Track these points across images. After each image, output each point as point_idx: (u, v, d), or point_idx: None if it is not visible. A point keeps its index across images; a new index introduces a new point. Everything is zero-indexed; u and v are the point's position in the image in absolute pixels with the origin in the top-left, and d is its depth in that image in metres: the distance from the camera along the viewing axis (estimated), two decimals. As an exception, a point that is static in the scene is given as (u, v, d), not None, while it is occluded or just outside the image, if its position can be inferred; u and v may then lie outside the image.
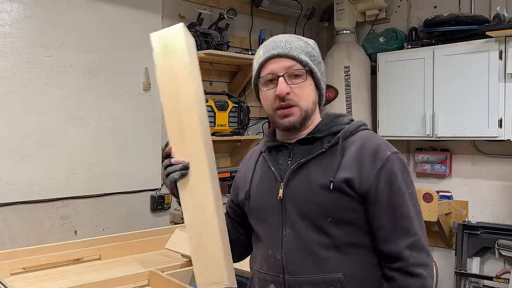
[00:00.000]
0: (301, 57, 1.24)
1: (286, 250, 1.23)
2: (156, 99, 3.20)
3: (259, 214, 1.32)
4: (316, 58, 1.28)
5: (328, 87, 3.81)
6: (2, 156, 2.54)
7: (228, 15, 3.31)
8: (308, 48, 1.27)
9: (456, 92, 3.28)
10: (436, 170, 3.71)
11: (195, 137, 1.24)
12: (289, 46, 1.25)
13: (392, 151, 1.24)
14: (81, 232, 2.84)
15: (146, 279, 2.00)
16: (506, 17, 3.05)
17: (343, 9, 3.85)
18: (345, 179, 1.18)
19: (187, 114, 1.25)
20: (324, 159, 1.23)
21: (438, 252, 3.67)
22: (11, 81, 2.57)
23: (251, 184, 1.35)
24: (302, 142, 1.27)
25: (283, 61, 1.23)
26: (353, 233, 1.20)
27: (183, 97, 1.26)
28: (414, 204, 1.21)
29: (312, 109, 1.26)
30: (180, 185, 1.26)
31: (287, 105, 1.23)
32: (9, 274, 2.05)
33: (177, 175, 1.23)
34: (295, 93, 1.22)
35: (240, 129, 3.41)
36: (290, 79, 1.23)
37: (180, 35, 1.28)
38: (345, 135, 1.25)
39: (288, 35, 1.31)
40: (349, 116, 1.33)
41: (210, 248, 1.24)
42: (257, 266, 1.32)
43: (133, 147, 3.08)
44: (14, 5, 2.57)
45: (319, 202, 1.19)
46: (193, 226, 1.26)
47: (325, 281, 1.18)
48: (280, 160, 1.30)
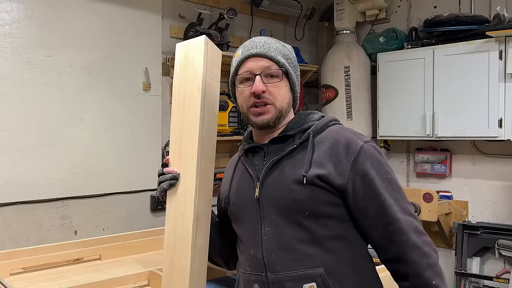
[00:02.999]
0: (278, 58, 1.27)
1: (266, 248, 1.23)
2: (156, 99, 3.20)
3: (238, 216, 1.33)
4: (293, 62, 1.32)
5: (328, 87, 3.82)
6: (2, 156, 2.54)
7: (228, 15, 3.31)
8: (285, 51, 1.30)
9: (456, 92, 3.28)
10: (436, 170, 3.71)
11: (191, 154, 1.27)
12: (267, 46, 1.27)
13: (364, 140, 1.24)
14: (81, 232, 2.84)
15: (146, 279, 2.00)
16: (506, 17, 3.05)
17: (343, 9, 3.85)
18: (318, 174, 1.19)
19: (189, 131, 1.28)
20: (296, 155, 1.24)
21: (438, 252, 3.66)
22: (11, 81, 2.57)
23: (230, 189, 1.37)
24: (275, 141, 1.30)
25: (261, 61, 1.26)
26: (332, 226, 1.20)
27: (188, 113, 1.29)
28: (394, 189, 1.21)
29: (286, 109, 1.29)
30: (168, 195, 1.28)
31: (262, 103, 1.25)
32: (9, 274, 2.05)
33: (165, 185, 1.28)
34: (271, 91, 1.25)
35: (240, 129, 3.40)
36: (267, 78, 1.26)
37: (200, 49, 1.29)
38: (315, 130, 1.27)
39: (267, 37, 1.33)
40: (319, 113, 1.34)
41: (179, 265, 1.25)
42: (241, 268, 1.33)
43: (133, 147, 3.08)
44: (14, 5, 2.57)
45: (294, 197, 1.20)
46: (169, 240, 1.28)
47: (306, 276, 1.18)
48: (256, 161, 1.32)
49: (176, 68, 1.36)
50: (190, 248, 1.23)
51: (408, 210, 1.20)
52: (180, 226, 1.26)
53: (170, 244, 1.29)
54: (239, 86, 1.29)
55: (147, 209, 3.18)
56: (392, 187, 1.21)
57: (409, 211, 1.20)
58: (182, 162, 1.28)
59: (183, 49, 1.35)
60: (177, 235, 1.27)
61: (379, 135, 3.72)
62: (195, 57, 1.31)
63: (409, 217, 1.19)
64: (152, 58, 3.16)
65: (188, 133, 1.29)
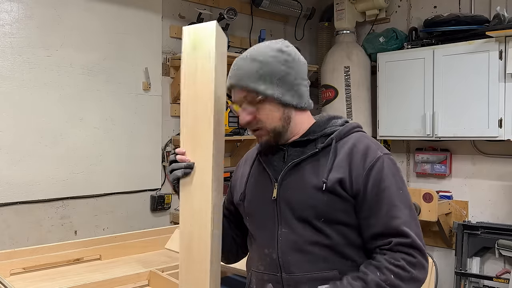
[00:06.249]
0: (251, 86, 1.21)
1: (281, 249, 1.24)
2: (156, 99, 3.20)
3: (254, 214, 1.33)
4: (276, 74, 1.21)
5: (328, 87, 3.82)
6: (2, 156, 2.54)
7: (228, 15, 3.31)
8: (263, 69, 1.21)
9: (456, 92, 3.28)
10: (436, 170, 3.71)
11: (207, 144, 1.24)
12: (240, 73, 1.22)
13: (383, 152, 1.23)
14: (81, 232, 2.84)
15: (146, 279, 2.00)
16: (506, 17, 3.05)
17: (343, 9, 3.85)
18: (338, 179, 1.19)
19: (203, 119, 1.24)
20: (318, 160, 1.24)
21: (438, 252, 3.67)
22: (11, 81, 2.57)
23: (247, 186, 1.37)
24: (296, 144, 1.28)
25: (237, 92, 1.25)
26: (346, 232, 1.21)
27: (202, 101, 1.24)
28: (405, 206, 1.19)
29: (281, 125, 1.25)
30: (182, 184, 1.26)
31: (254, 129, 1.27)
32: (9, 274, 2.05)
33: (179, 173, 1.24)
34: (257, 119, 1.24)
35: (240, 129, 3.40)
36: (249, 105, 1.24)
37: (212, 34, 1.25)
38: (339, 136, 1.26)
39: (244, 55, 1.25)
40: (343, 118, 1.33)
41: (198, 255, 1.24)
42: (254, 267, 1.33)
43: (133, 147, 3.08)
44: (14, 5, 2.57)
45: (312, 203, 1.20)
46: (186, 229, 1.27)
47: (321, 278, 1.19)
48: (275, 161, 1.31)
49: (185, 54, 1.30)
50: (209, 238, 1.22)
51: (413, 228, 1.18)
52: (198, 218, 1.24)
53: (186, 233, 1.27)
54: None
55: (147, 209, 3.18)
56: (402, 203, 1.19)
57: (414, 228, 1.18)
58: (196, 151, 1.26)
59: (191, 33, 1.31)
60: (194, 226, 1.24)
61: (379, 135, 3.72)
62: (205, 43, 1.25)
63: (413, 234, 1.17)
64: (152, 58, 3.16)
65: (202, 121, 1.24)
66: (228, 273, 2.24)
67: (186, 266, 1.26)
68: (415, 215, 1.22)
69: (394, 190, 1.19)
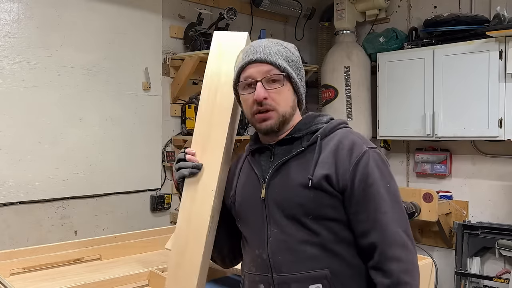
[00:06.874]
0: (279, 62, 1.24)
1: (271, 249, 1.24)
2: (156, 99, 3.20)
3: (244, 215, 1.33)
4: (295, 63, 1.28)
5: (328, 87, 3.82)
6: (2, 156, 2.54)
7: (228, 15, 3.31)
8: (287, 53, 1.27)
9: (456, 92, 3.28)
10: (436, 170, 3.71)
11: (217, 150, 1.27)
12: (268, 51, 1.25)
13: (369, 146, 1.23)
14: (81, 232, 2.84)
15: (146, 279, 2.00)
16: (506, 17, 3.05)
17: (343, 9, 3.84)
18: (324, 175, 1.19)
19: (219, 123, 1.28)
20: (304, 158, 1.24)
21: (438, 252, 3.67)
22: (11, 81, 2.57)
23: (236, 188, 1.37)
24: (282, 143, 1.29)
25: (261, 66, 1.24)
26: (336, 229, 1.20)
27: (219, 108, 1.29)
28: (393, 200, 1.19)
29: (290, 113, 1.27)
30: (186, 184, 1.27)
31: (265, 110, 1.24)
32: (9, 274, 2.04)
33: (186, 172, 1.27)
34: (273, 98, 1.24)
35: (240, 129, 3.40)
36: (268, 84, 1.24)
37: (242, 44, 1.30)
38: (324, 133, 1.26)
39: (268, 39, 1.30)
40: (328, 116, 1.34)
41: (190, 257, 1.25)
42: (247, 268, 1.33)
43: (133, 147, 3.08)
44: (14, 5, 2.57)
45: (299, 200, 1.20)
46: (182, 229, 1.28)
47: (312, 277, 1.19)
48: (262, 161, 1.31)
49: (211, 58, 1.33)
50: (203, 244, 1.24)
51: (400, 223, 1.18)
52: (195, 220, 1.26)
53: (182, 234, 1.28)
54: (242, 93, 1.28)
55: (147, 209, 3.18)
56: (389, 197, 1.19)
57: (401, 223, 1.18)
58: (206, 154, 1.27)
59: (220, 39, 1.35)
60: (190, 228, 1.26)
61: (379, 135, 3.72)
62: (232, 51, 1.29)
63: (400, 230, 1.17)
64: (152, 58, 3.16)
65: (217, 128, 1.29)
66: (228, 273, 2.24)
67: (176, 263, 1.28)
68: (403, 208, 1.22)
69: (382, 184, 1.19)
